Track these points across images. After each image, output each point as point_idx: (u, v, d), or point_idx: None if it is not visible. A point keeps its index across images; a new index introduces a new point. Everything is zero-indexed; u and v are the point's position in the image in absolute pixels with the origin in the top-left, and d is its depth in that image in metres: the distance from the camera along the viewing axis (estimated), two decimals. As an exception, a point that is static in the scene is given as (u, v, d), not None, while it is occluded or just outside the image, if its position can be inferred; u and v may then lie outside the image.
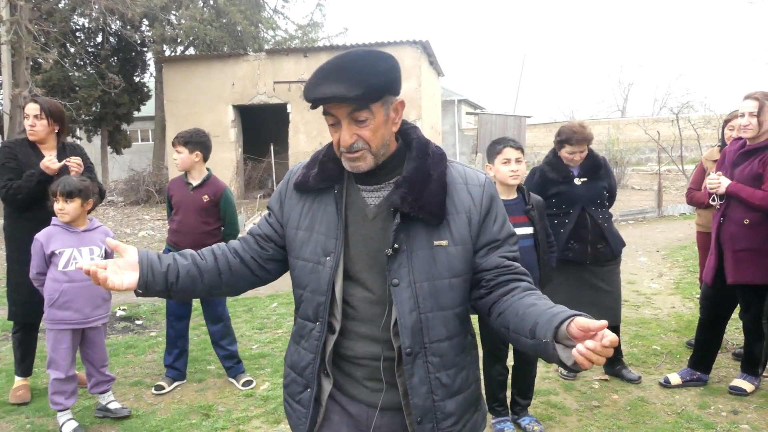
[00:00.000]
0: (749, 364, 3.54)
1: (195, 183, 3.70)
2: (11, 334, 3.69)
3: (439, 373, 1.42)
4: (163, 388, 3.71)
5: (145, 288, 1.43)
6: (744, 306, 3.50)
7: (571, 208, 3.56)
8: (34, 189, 3.34)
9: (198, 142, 3.66)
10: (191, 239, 3.59)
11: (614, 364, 3.86)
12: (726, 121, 4.13)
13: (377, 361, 1.43)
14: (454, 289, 1.42)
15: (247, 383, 3.79)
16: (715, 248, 3.49)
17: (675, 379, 3.69)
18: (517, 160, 2.97)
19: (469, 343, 1.52)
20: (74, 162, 3.45)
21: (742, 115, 3.29)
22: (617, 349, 3.86)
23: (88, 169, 3.65)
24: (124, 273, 1.41)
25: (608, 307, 3.62)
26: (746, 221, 3.27)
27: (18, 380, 3.67)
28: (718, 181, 3.38)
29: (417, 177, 1.39)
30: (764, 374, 3.77)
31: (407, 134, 1.49)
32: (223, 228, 3.78)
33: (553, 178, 3.58)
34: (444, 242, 1.40)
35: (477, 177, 1.49)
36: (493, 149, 3.04)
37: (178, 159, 3.68)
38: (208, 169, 3.79)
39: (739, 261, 3.30)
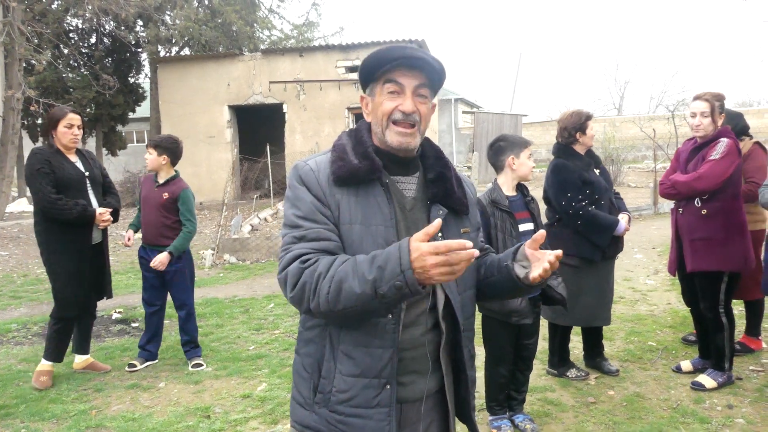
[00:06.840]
0: (716, 359, 3.55)
1: (161, 181, 4.14)
2: (50, 326, 3.91)
3: (470, 345, 1.60)
4: (135, 366, 4.15)
5: None
6: (701, 294, 3.58)
7: (603, 198, 3.53)
8: (73, 221, 3.71)
9: (166, 147, 4.09)
10: (154, 231, 4.11)
11: (594, 356, 3.90)
12: None
13: (411, 350, 1.46)
14: (474, 270, 1.61)
15: (197, 365, 4.15)
16: (674, 240, 3.67)
17: (686, 366, 3.78)
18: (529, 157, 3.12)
19: None
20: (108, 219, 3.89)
21: (693, 116, 3.43)
22: (599, 342, 3.92)
23: (104, 177, 4.09)
24: None
25: (609, 302, 3.71)
26: (704, 212, 3.42)
27: (44, 363, 3.89)
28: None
29: (446, 173, 1.57)
30: (758, 369, 3.80)
31: None
32: (182, 224, 4.15)
33: (578, 166, 3.54)
34: (468, 229, 1.59)
35: (467, 178, 1.71)
36: (523, 141, 3.08)
37: (148, 159, 4.13)
38: (176, 171, 4.20)
39: (696, 250, 3.47)
